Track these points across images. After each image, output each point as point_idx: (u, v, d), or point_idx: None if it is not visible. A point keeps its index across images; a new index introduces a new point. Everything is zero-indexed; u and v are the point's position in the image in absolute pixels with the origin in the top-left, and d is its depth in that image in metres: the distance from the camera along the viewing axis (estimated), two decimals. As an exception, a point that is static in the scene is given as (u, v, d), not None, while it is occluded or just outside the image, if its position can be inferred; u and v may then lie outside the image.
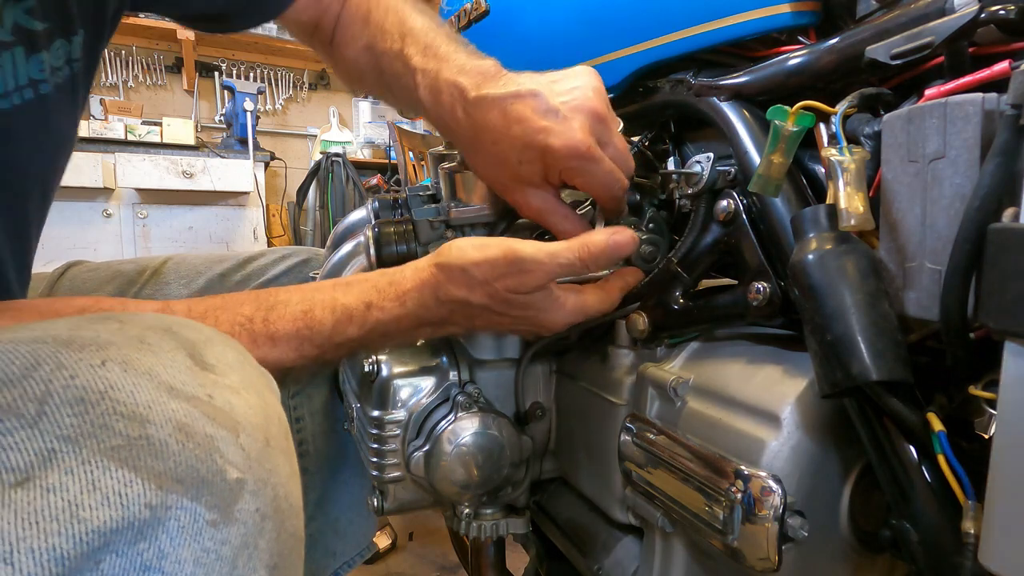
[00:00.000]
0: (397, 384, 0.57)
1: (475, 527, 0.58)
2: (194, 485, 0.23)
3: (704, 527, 0.42)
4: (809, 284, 0.37)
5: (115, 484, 0.21)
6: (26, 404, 0.21)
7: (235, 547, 0.24)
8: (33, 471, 0.21)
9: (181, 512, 0.23)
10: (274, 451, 0.27)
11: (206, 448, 0.24)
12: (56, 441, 0.21)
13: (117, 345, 0.25)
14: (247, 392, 0.27)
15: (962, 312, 0.32)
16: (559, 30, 0.63)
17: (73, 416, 0.22)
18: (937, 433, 0.34)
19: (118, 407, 0.23)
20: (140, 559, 0.22)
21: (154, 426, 0.23)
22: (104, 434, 0.22)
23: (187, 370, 0.26)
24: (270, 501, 0.26)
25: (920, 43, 0.36)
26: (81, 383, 0.23)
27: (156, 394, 0.24)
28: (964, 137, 0.32)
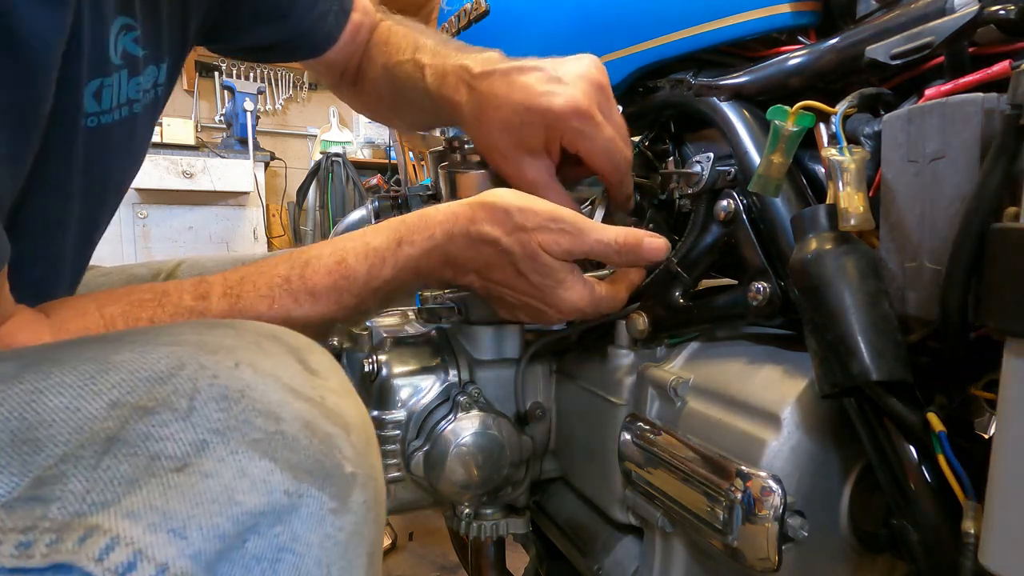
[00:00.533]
0: (397, 384, 0.57)
1: (475, 527, 0.58)
2: (320, 476, 0.25)
3: (704, 527, 0.42)
4: (809, 284, 0.37)
5: (260, 472, 0.24)
6: (178, 400, 0.24)
7: (348, 533, 0.26)
8: (190, 459, 0.23)
9: (311, 500, 0.25)
10: (373, 449, 0.30)
11: (328, 444, 0.26)
12: (207, 433, 0.24)
13: (242, 349, 0.27)
14: (347, 395, 0.30)
15: (962, 312, 0.32)
16: (559, 30, 0.63)
17: (219, 411, 0.24)
18: (937, 433, 0.34)
19: (256, 404, 0.25)
20: (277, 541, 0.24)
21: (286, 423, 0.26)
22: (247, 428, 0.24)
23: (300, 374, 0.28)
24: (373, 494, 0.28)
25: (920, 43, 0.36)
26: (223, 382, 0.25)
27: (284, 394, 0.26)
28: (964, 137, 0.32)
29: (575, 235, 0.46)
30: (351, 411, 0.29)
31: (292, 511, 0.24)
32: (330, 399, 0.28)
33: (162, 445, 0.23)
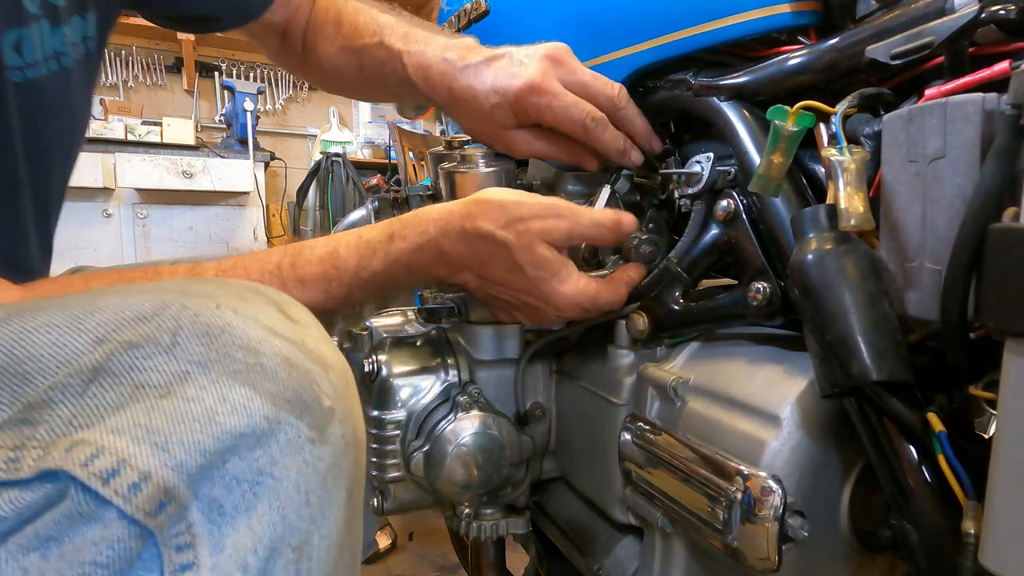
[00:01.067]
0: (397, 384, 0.56)
1: (475, 527, 0.58)
2: (299, 406, 0.26)
3: (704, 527, 0.42)
4: (809, 284, 0.37)
5: (240, 399, 0.25)
6: (161, 335, 0.25)
7: (327, 464, 0.27)
8: (173, 387, 0.24)
9: (289, 427, 0.26)
10: (352, 392, 0.31)
11: (307, 378, 0.27)
12: (189, 365, 0.25)
13: (224, 295, 0.29)
14: (326, 343, 0.31)
15: (962, 312, 0.32)
16: (559, 30, 0.63)
17: (201, 346, 0.26)
18: (937, 433, 0.34)
19: (236, 340, 0.26)
20: (256, 464, 0.25)
21: (265, 357, 0.27)
22: (227, 360, 0.26)
23: (281, 319, 0.30)
24: (352, 431, 0.29)
25: (920, 43, 0.36)
26: (204, 320, 0.26)
27: (263, 332, 0.27)
28: (964, 137, 0.32)
29: (571, 218, 0.48)
30: (330, 354, 0.30)
31: (271, 436, 0.25)
32: (309, 342, 0.29)
33: (146, 375, 0.24)
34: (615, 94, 0.54)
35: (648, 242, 0.55)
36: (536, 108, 0.54)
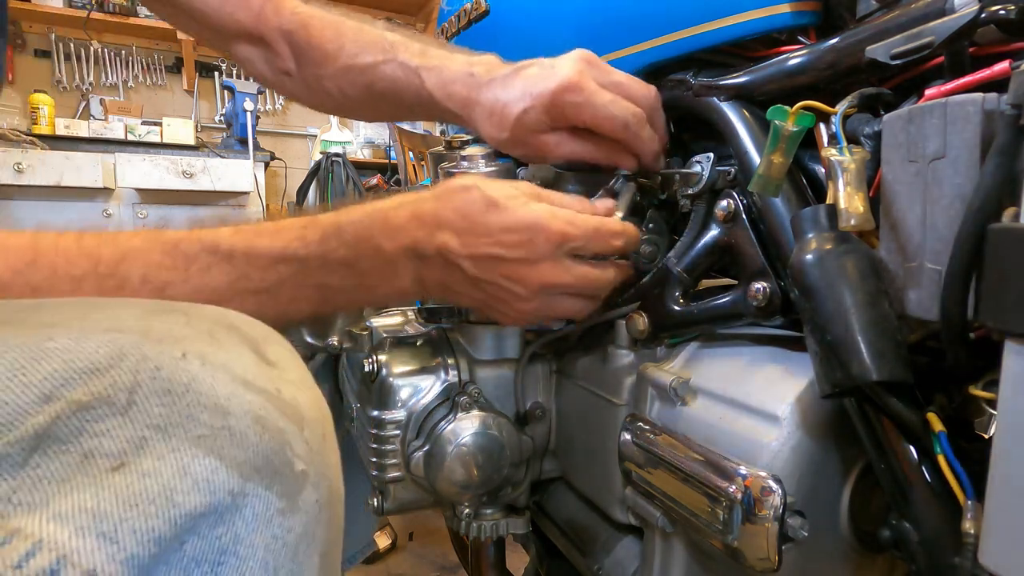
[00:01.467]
0: (397, 384, 0.57)
1: (475, 527, 0.58)
2: (268, 475, 0.24)
3: (704, 527, 0.42)
4: (809, 284, 0.37)
5: (203, 471, 0.23)
6: (117, 393, 0.23)
7: (298, 535, 0.25)
8: (127, 457, 0.22)
9: (256, 500, 0.24)
10: (329, 446, 0.29)
11: (278, 440, 0.25)
12: (147, 429, 0.23)
13: (191, 339, 0.26)
14: (305, 388, 0.29)
15: (962, 312, 0.32)
16: (559, 30, 0.63)
17: (161, 406, 0.23)
18: (937, 433, 0.34)
19: (201, 399, 0.24)
20: (219, 543, 0.23)
21: (234, 417, 0.24)
22: (190, 424, 0.23)
23: (255, 365, 0.27)
24: (326, 492, 0.27)
25: (920, 43, 0.36)
26: (166, 375, 0.24)
27: (233, 387, 0.25)
28: (964, 137, 0.32)
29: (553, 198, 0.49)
30: (308, 404, 0.28)
31: (236, 511, 0.23)
32: (286, 391, 0.27)
33: (97, 442, 0.22)
34: (652, 95, 0.53)
35: (648, 242, 0.55)
36: (574, 107, 0.52)
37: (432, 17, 2.90)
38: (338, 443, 0.78)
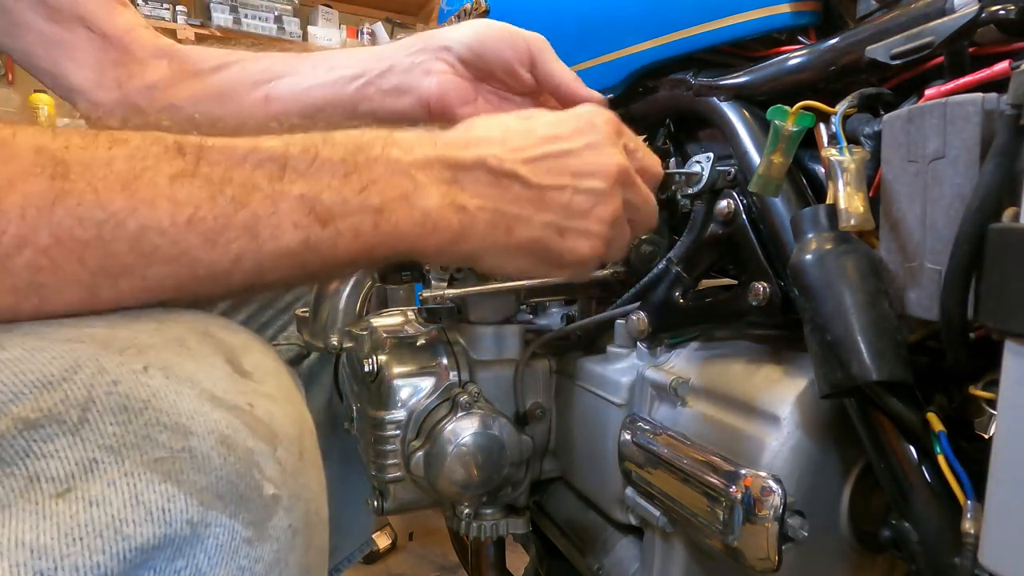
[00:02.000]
0: (397, 384, 0.56)
1: (475, 527, 0.58)
2: (233, 501, 0.23)
3: (704, 527, 0.42)
4: (809, 284, 0.37)
5: (158, 499, 0.21)
6: (68, 410, 0.21)
7: (267, 564, 0.23)
8: (75, 481, 0.20)
9: (220, 529, 0.22)
10: (307, 465, 0.27)
11: (246, 463, 0.23)
12: (98, 451, 0.20)
13: (157, 349, 0.24)
14: (284, 401, 0.27)
15: (962, 312, 0.32)
16: (559, 30, 0.63)
17: (116, 425, 0.21)
18: (937, 433, 0.34)
19: (161, 417, 0.22)
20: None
21: (197, 438, 0.22)
22: (147, 445, 0.21)
23: (227, 377, 0.25)
24: (301, 516, 0.25)
25: (920, 43, 0.36)
26: (124, 390, 0.22)
27: (199, 403, 0.23)
28: (964, 137, 0.32)
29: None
30: (283, 420, 0.26)
31: (196, 542, 0.21)
32: (260, 406, 0.25)
33: (43, 464, 0.20)
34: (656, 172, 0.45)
35: (648, 242, 0.55)
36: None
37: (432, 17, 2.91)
38: (338, 443, 0.75)
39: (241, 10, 2.90)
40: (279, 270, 0.28)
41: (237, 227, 0.26)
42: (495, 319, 0.60)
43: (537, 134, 0.37)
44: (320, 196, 0.29)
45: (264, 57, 0.57)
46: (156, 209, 0.25)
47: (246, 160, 0.28)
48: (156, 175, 0.25)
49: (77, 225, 0.23)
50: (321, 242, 0.29)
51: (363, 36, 3.16)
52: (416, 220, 0.32)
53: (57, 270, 0.23)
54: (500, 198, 0.35)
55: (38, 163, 0.23)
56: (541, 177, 0.36)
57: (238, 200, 0.27)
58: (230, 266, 0.27)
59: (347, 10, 3.16)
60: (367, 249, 0.31)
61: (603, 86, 0.60)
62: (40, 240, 0.23)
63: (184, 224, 0.25)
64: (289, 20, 2.99)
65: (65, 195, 0.23)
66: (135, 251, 0.24)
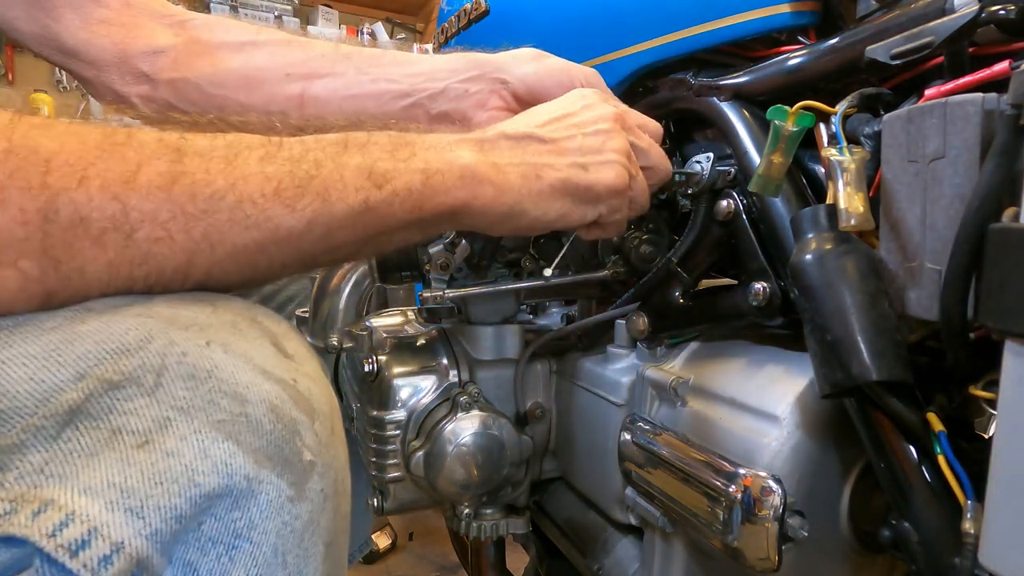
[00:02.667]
0: (397, 384, 0.56)
1: (475, 527, 0.58)
2: (280, 463, 0.25)
3: (704, 527, 0.42)
4: (809, 284, 0.37)
5: (222, 454, 0.23)
6: (145, 374, 0.23)
7: (304, 522, 0.26)
8: (152, 435, 0.22)
9: (270, 487, 0.24)
10: (337, 440, 0.29)
11: (291, 430, 0.26)
12: (171, 411, 0.23)
13: (215, 328, 0.26)
14: (320, 382, 0.29)
15: (962, 312, 0.32)
16: (559, 30, 0.63)
17: (185, 390, 0.24)
18: (937, 433, 0.34)
19: (223, 385, 0.25)
20: (234, 526, 0.23)
21: (252, 405, 0.25)
22: (212, 408, 0.24)
23: (274, 356, 0.28)
24: (332, 483, 0.28)
25: (920, 43, 0.36)
26: (191, 360, 0.24)
27: (253, 375, 0.26)
28: (964, 137, 0.32)
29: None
30: (320, 398, 0.29)
31: (251, 496, 0.24)
32: (302, 383, 0.28)
33: (125, 419, 0.23)
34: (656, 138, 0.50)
35: (648, 242, 0.55)
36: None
37: (432, 17, 2.91)
38: None
39: (241, 10, 2.91)
40: (344, 230, 0.32)
41: (311, 193, 0.30)
42: (495, 319, 0.60)
43: (541, 112, 0.44)
44: (375, 164, 0.33)
45: (296, 45, 0.54)
46: (249, 183, 0.29)
47: (315, 143, 0.33)
48: (249, 157, 0.30)
49: (189, 201, 0.27)
50: (379, 203, 0.33)
51: (363, 36, 3.16)
52: (457, 175, 0.36)
53: (170, 241, 0.27)
54: (524, 153, 0.40)
55: (160, 149, 0.27)
56: (553, 134, 0.42)
57: (311, 172, 0.31)
58: (304, 228, 0.30)
59: (347, 10, 3.16)
60: (418, 206, 0.34)
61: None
62: (160, 215, 0.26)
63: (272, 194, 0.29)
64: (289, 20, 2.99)
65: (181, 175, 0.27)
66: (232, 220, 0.28)
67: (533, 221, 0.40)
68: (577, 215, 0.42)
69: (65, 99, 3.06)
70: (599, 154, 0.42)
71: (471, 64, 0.52)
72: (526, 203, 0.39)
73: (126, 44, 0.52)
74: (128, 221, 0.26)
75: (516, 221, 0.40)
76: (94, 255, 0.25)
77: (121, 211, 0.25)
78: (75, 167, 0.25)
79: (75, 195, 0.25)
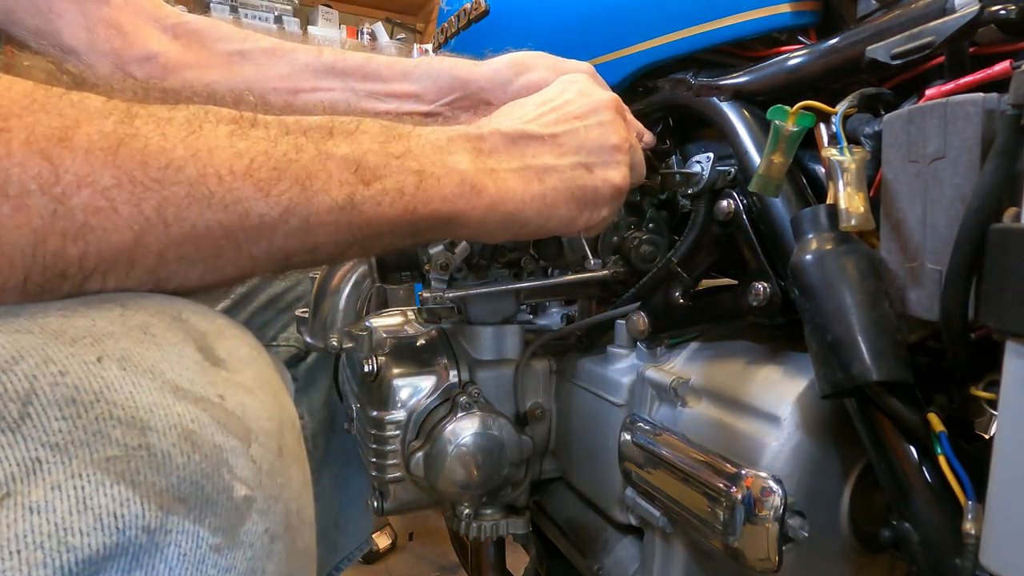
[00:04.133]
0: (397, 384, 0.56)
1: (475, 527, 0.58)
2: (197, 505, 0.20)
3: (705, 527, 0.42)
4: (810, 284, 0.37)
5: (109, 503, 0.19)
6: (6, 404, 0.18)
7: (241, 573, 0.21)
8: (14, 485, 0.17)
9: (182, 537, 0.20)
10: (287, 461, 0.25)
11: (213, 461, 0.21)
12: (42, 449, 0.18)
13: (115, 337, 0.21)
14: (261, 392, 0.25)
15: (963, 312, 0.32)
16: (559, 30, 0.63)
17: (62, 420, 0.19)
18: (938, 434, 0.34)
19: (115, 411, 0.20)
20: None
21: (156, 434, 0.20)
22: (98, 442, 0.19)
23: (195, 366, 0.23)
24: (281, 519, 0.23)
25: (921, 43, 0.36)
26: (72, 381, 0.19)
27: (160, 395, 0.21)
28: (964, 137, 0.32)
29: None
30: (259, 413, 0.24)
31: (155, 551, 0.19)
32: (232, 398, 0.23)
33: None
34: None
35: (648, 242, 0.55)
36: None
37: (432, 17, 2.90)
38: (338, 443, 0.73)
39: (241, 10, 2.90)
40: (325, 226, 0.28)
41: (289, 178, 0.26)
42: (495, 319, 0.60)
43: (533, 103, 0.41)
44: (365, 157, 0.30)
45: (280, 55, 0.51)
46: (215, 157, 0.25)
47: (296, 124, 0.28)
48: (216, 129, 0.25)
49: (139, 168, 0.23)
50: (366, 200, 0.29)
51: (363, 36, 3.16)
52: (455, 182, 0.33)
53: (113, 213, 0.22)
54: (522, 155, 0.37)
55: (106, 109, 0.23)
56: (550, 127, 0.39)
57: (290, 155, 0.27)
58: (278, 218, 0.26)
59: (347, 10, 3.16)
60: (410, 211, 0.31)
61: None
62: (102, 180, 0.22)
63: (242, 173, 0.25)
64: (289, 20, 2.99)
65: (131, 138, 0.23)
66: (191, 196, 0.24)
67: (535, 229, 0.38)
68: (582, 221, 0.39)
69: (65, 99, 3.05)
70: (602, 152, 0.39)
71: (455, 83, 0.51)
72: (527, 211, 0.36)
73: (123, 51, 0.51)
74: (59, 183, 0.21)
75: (516, 230, 0.37)
76: (14, 220, 0.20)
77: (50, 170, 0.21)
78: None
79: None
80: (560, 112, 0.40)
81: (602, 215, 0.40)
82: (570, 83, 0.43)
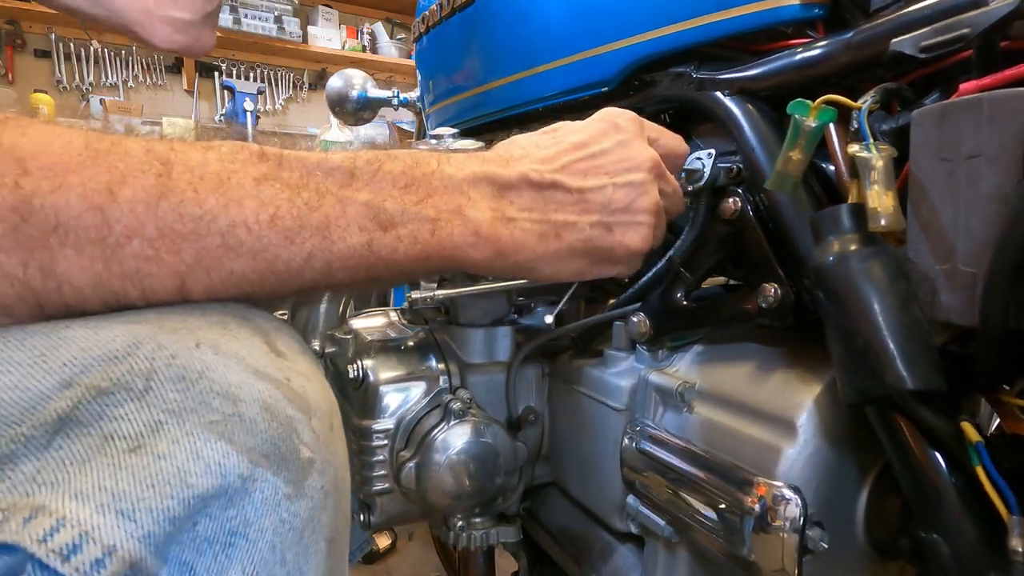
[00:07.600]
0: (384, 391, 0.51)
1: (465, 537, 0.53)
2: (276, 461, 0.24)
3: (716, 538, 0.38)
4: (835, 287, 0.34)
5: (215, 455, 0.23)
6: (134, 379, 0.23)
7: (303, 520, 0.25)
8: (144, 439, 0.22)
9: (265, 485, 0.24)
10: (336, 436, 0.28)
11: (287, 428, 0.25)
12: (163, 414, 0.22)
13: (204, 329, 0.26)
14: (314, 379, 0.28)
15: (1003, 317, 0.29)
16: (549, 19, 0.58)
17: (176, 392, 0.23)
18: (975, 444, 0.30)
19: (214, 386, 0.24)
20: (229, 524, 0.23)
21: (245, 404, 0.24)
22: (203, 409, 0.23)
23: (266, 355, 0.27)
24: (332, 480, 0.27)
25: (953, 35, 0.32)
26: (181, 363, 0.24)
27: (245, 375, 0.25)
28: (1005, 134, 0.29)
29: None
30: (316, 395, 0.27)
31: (245, 495, 0.23)
32: (296, 381, 0.27)
33: (116, 425, 0.22)
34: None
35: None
36: None
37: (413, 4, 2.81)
38: None
39: (241, 10, 2.79)
40: (346, 270, 0.30)
41: (311, 227, 0.29)
42: (485, 321, 0.54)
43: (568, 142, 0.38)
44: (383, 204, 0.31)
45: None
46: (243, 208, 0.27)
47: (318, 168, 0.30)
48: (244, 177, 0.27)
49: (178, 220, 0.25)
50: (383, 246, 0.31)
51: (363, 36, 3.06)
52: (468, 231, 0.33)
53: (159, 260, 0.26)
54: (545, 208, 0.36)
55: (147, 161, 0.26)
56: (580, 181, 0.37)
57: (312, 203, 0.29)
58: (303, 263, 0.29)
59: (347, 10, 3.07)
60: (424, 256, 0.32)
61: (597, 79, 0.55)
62: (147, 232, 0.25)
63: (267, 222, 0.27)
64: (289, 20, 2.89)
65: (169, 192, 0.25)
66: (224, 245, 0.27)
67: (545, 278, 0.38)
68: (593, 274, 0.39)
69: (65, 99, 2.84)
70: (626, 213, 0.38)
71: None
72: (539, 263, 0.36)
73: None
74: (112, 234, 0.24)
75: (526, 276, 0.38)
76: (79, 264, 0.24)
77: (103, 222, 0.24)
78: (53, 171, 0.24)
79: (50, 199, 0.23)
80: (593, 163, 0.38)
81: (616, 271, 0.40)
82: (612, 130, 0.39)
